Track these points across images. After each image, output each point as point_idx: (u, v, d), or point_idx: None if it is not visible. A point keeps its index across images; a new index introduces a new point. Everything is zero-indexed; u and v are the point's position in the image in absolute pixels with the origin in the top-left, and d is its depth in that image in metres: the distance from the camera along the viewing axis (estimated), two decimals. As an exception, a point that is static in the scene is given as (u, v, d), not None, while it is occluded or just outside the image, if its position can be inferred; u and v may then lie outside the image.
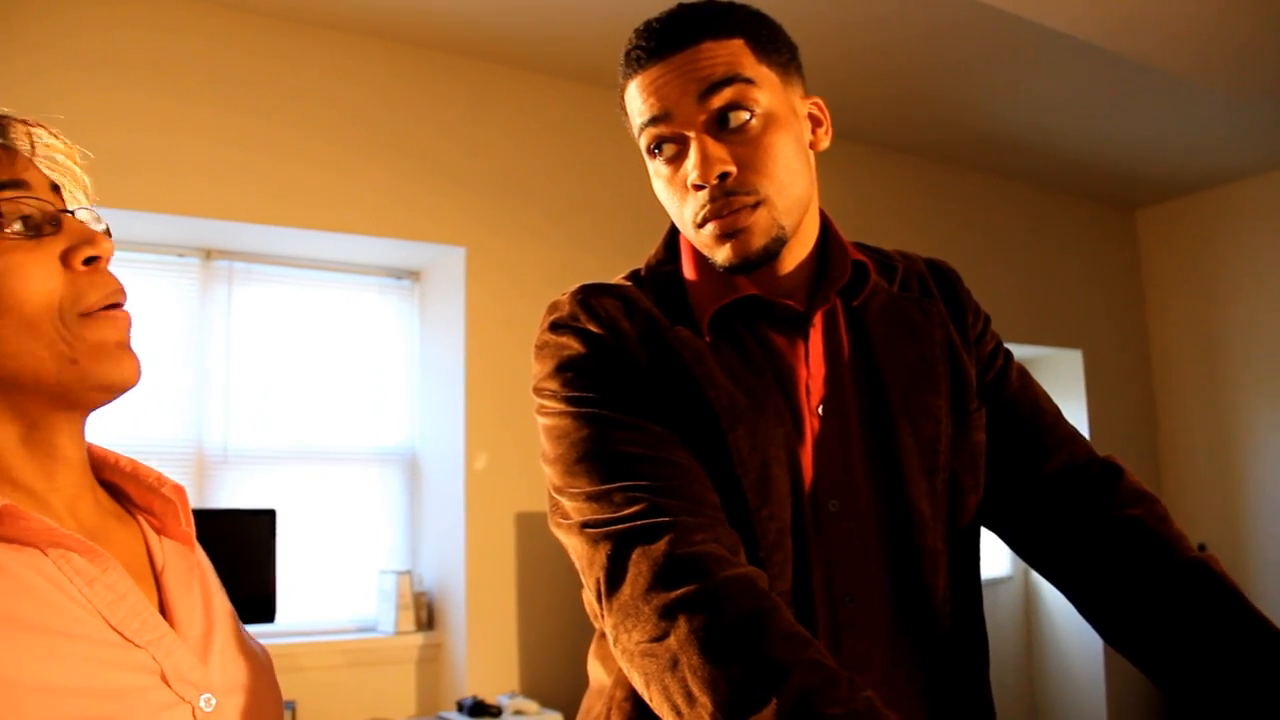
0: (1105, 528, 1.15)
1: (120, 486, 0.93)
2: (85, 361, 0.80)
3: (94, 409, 0.85)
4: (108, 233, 0.87)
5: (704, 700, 0.87)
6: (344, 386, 3.98)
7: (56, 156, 0.86)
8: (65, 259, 0.81)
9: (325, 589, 3.84)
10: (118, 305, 0.84)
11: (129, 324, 0.85)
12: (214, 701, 0.82)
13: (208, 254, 3.76)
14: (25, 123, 0.85)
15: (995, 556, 5.71)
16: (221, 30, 3.53)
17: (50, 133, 0.86)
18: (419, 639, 3.81)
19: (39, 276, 0.79)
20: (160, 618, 0.82)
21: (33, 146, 0.84)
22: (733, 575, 0.94)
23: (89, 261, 0.82)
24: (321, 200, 3.65)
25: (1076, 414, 5.55)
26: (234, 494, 3.67)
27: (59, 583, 0.76)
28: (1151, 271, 6.11)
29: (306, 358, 3.93)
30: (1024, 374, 1.31)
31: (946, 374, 1.21)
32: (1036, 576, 5.86)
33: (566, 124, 4.21)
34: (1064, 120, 4.84)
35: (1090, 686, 5.54)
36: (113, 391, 0.83)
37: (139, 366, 0.84)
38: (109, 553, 0.80)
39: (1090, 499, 1.18)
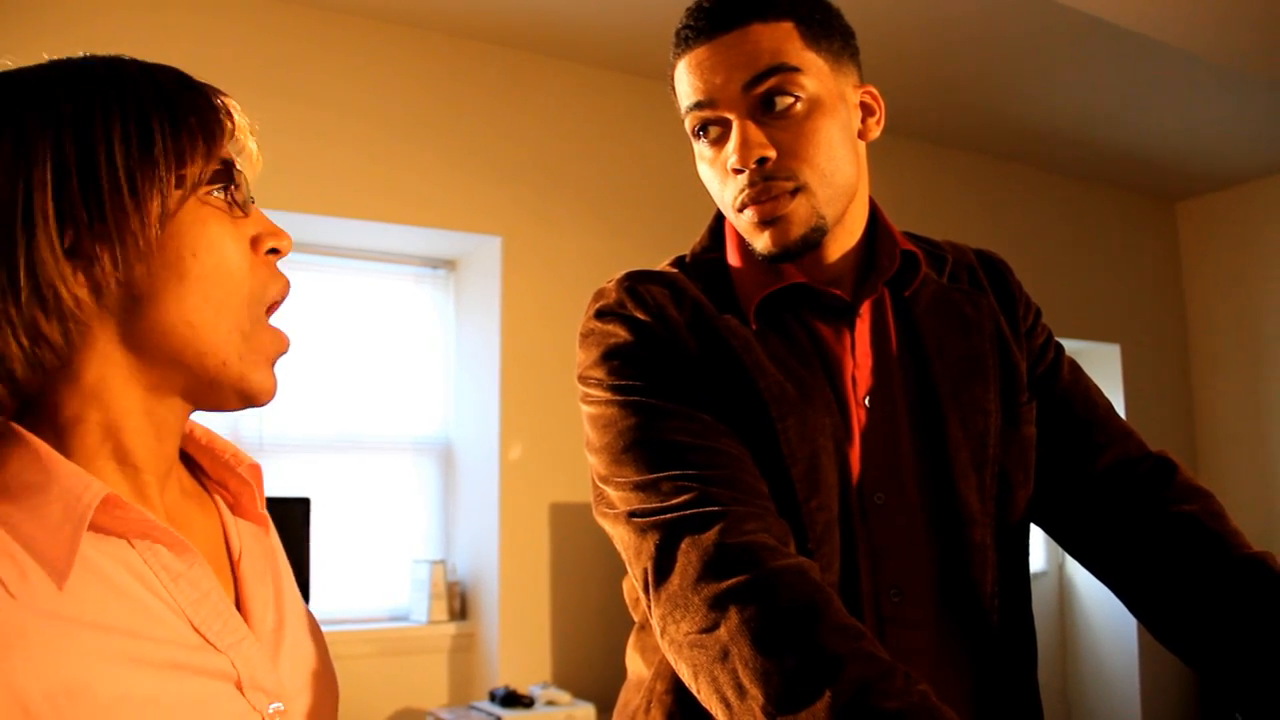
0: (1159, 524, 1.13)
1: (195, 459, 0.91)
2: (246, 360, 0.80)
3: (213, 409, 0.84)
4: None
5: (755, 692, 0.86)
6: (379, 376, 3.99)
7: (249, 142, 0.86)
8: (254, 244, 0.82)
9: (359, 578, 3.85)
10: (282, 302, 0.85)
11: (288, 346, 0.85)
12: (283, 709, 0.80)
13: (245, 243, 3.77)
14: (222, 94, 0.84)
15: (1030, 552, 5.67)
16: (260, 18, 3.55)
17: (240, 111, 0.85)
18: (452, 628, 3.82)
19: (238, 254, 0.80)
20: (239, 618, 0.80)
21: (233, 124, 0.83)
22: (785, 565, 0.93)
23: (271, 252, 0.83)
24: (357, 189, 3.65)
25: (1116, 409, 5.49)
26: (269, 482, 3.64)
27: (144, 577, 0.75)
28: (1191, 265, 6.04)
29: (342, 347, 3.94)
30: (1075, 368, 1.29)
31: (996, 367, 1.19)
32: (1071, 572, 5.81)
33: (604, 114, 4.20)
34: (1103, 111, 4.78)
35: (1124, 683, 5.49)
36: (248, 402, 0.82)
37: (277, 388, 0.84)
38: (191, 544, 0.79)
39: (1144, 495, 1.16)
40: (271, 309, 0.84)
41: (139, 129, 0.75)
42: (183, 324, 0.77)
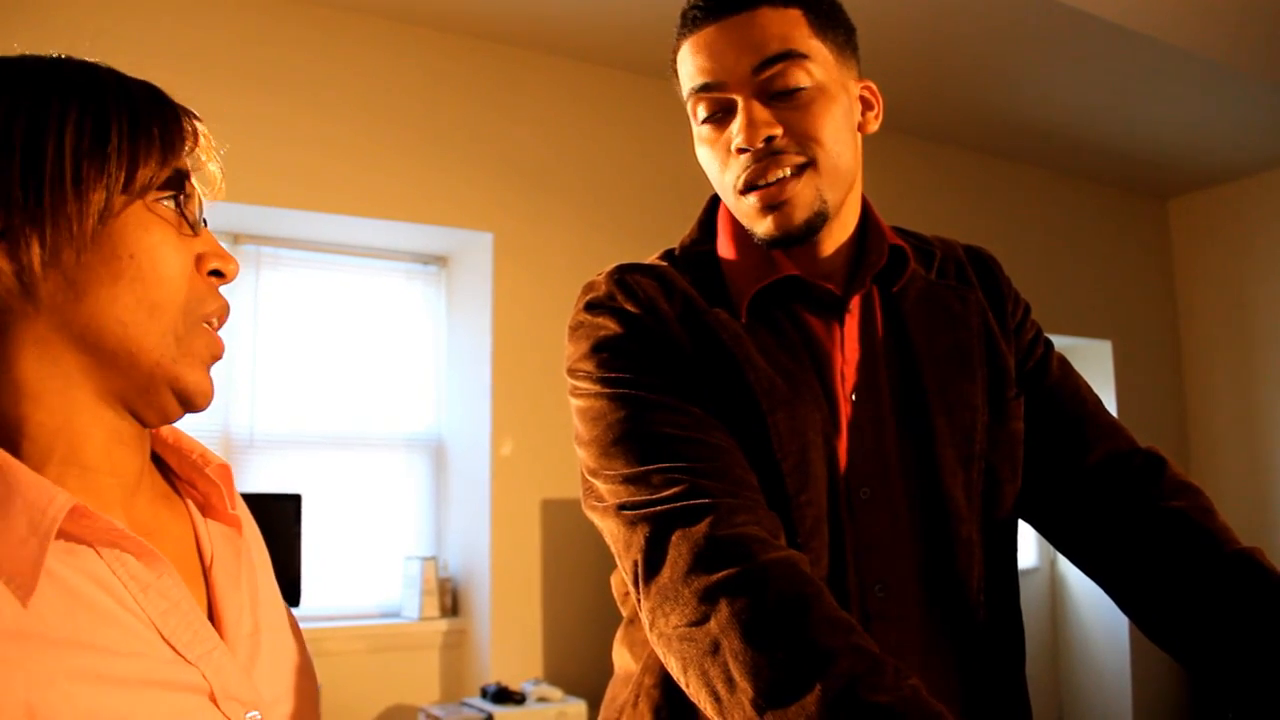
0: (1149, 520, 1.13)
1: (163, 458, 0.89)
2: (180, 363, 0.79)
3: (160, 420, 0.82)
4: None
5: (745, 685, 0.85)
6: (370, 372, 3.99)
7: (209, 164, 0.85)
8: (198, 262, 0.82)
9: (350, 574, 3.85)
10: (220, 323, 0.85)
11: (222, 351, 0.84)
12: (259, 717, 0.79)
13: (235, 238, 3.76)
14: (193, 115, 0.84)
15: (1021, 548, 5.68)
16: (249, 14, 3.53)
17: (206, 131, 0.85)
18: (443, 625, 3.81)
19: (178, 264, 0.79)
20: (211, 628, 0.78)
21: (195, 141, 0.83)
22: (776, 558, 0.92)
23: (214, 274, 0.83)
24: (349, 185, 3.64)
25: (1105, 405, 5.51)
26: (260, 478, 3.68)
27: (111, 589, 0.72)
28: (1183, 262, 6.05)
29: (333, 343, 3.93)
30: (1064, 363, 1.29)
31: (983, 362, 1.19)
32: (1063, 568, 5.82)
33: (595, 110, 4.19)
34: (1095, 108, 4.78)
35: (1116, 679, 5.50)
36: (186, 404, 0.81)
37: (213, 392, 0.83)
38: (163, 552, 0.77)
39: (1133, 491, 1.16)
40: (209, 322, 0.83)
41: (95, 123, 0.75)
42: (115, 322, 0.76)
